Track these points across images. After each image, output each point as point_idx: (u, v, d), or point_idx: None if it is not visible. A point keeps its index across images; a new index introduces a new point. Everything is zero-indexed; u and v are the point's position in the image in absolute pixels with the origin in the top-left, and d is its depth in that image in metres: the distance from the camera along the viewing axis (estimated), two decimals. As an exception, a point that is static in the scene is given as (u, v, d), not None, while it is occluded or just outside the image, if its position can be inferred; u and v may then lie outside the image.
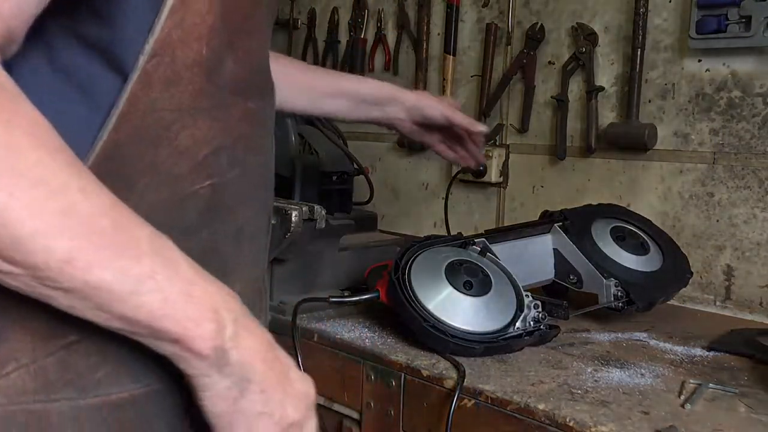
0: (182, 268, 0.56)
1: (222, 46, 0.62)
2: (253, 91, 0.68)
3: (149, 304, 0.53)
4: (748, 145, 1.38)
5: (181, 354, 0.56)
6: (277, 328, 1.23)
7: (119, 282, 0.52)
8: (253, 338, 0.59)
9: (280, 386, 0.60)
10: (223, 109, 0.64)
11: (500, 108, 1.75)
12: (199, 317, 0.55)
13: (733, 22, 1.32)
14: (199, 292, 0.56)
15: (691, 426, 0.85)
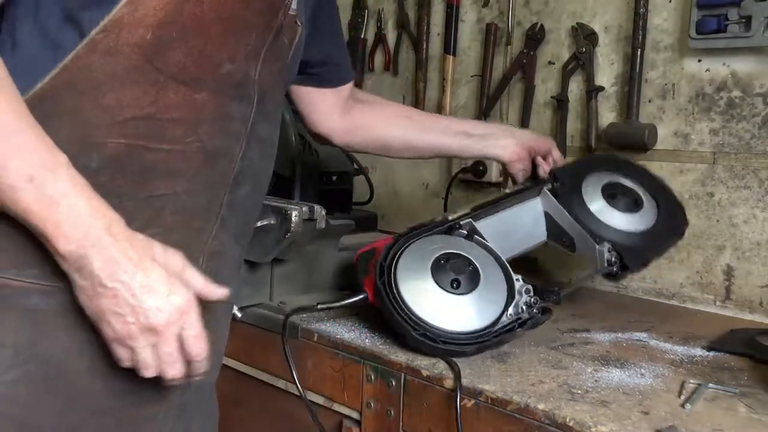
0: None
1: (171, 38, 0.77)
2: (202, 86, 0.80)
3: (25, 202, 0.70)
4: (748, 145, 1.38)
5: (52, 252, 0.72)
6: (277, 329, 1.23)
7: None
8: (107, 256, 0.71)
9: (133, 297, 0.72)
10: (158, 87, 0.78)
11: (500, 108, 1.75)
12: (61, 223, 0.71)
13: (733, 22, 1.32)
14: (69, 201, 0.71)
15: (691, 426, 0.85)
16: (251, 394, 1.32)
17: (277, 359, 1.25)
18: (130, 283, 0.72)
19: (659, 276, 1.50)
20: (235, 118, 0.85)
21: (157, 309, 0.73)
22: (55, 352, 0.77)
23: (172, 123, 0.79)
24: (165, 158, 0.79)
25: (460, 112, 1.84)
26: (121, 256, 0.72)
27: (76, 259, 0.71)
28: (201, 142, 0.82)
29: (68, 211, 0.70)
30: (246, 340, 1.30)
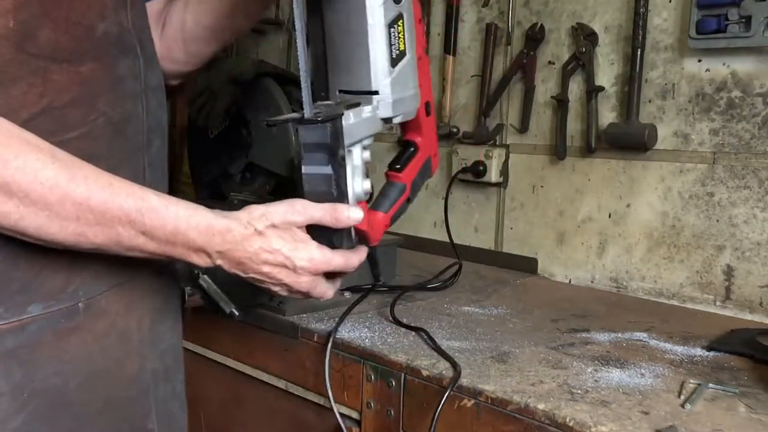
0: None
1: (33, 17, 0.70)
2: (83, 56, 0.75)
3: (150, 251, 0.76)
4: (748, 145, 1.38)
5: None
6: (277, 329, 1.24)
7: None
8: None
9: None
10: (42, 75, 0.71)
11: (500, 108, 1.75)
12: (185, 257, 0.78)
13: (733, 22, 1.32)
14: (181, 238, 0.77)
15: (691, 426, 0.85)
16: (251, 394, 1.32)
17: (277, 359, 1.25)
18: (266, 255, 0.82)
19: (659, 276, 1.50)
20: (127, 77, 0.82)
21: (302, 260, 0.83)
22: (51, 381, 0.76)
23: (70, 107, 0.75)
24: (77, 146, 0.75)
25: (460, 112, 1.84)
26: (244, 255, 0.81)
27: (211, 264, 0.80)
28: (105, 115, 0.79)
29: (184, 245, 0.77)
30: (246, 340, 1.30)
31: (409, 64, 0.92)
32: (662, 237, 1.49)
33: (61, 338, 0.76)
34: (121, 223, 0.72)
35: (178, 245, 0.76)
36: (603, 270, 1.58)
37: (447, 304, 1.38)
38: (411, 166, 1.06)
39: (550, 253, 1.67)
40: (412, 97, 0.95)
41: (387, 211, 1.02)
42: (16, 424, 0.73)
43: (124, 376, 0.84)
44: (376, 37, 0.88)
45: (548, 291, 1.54)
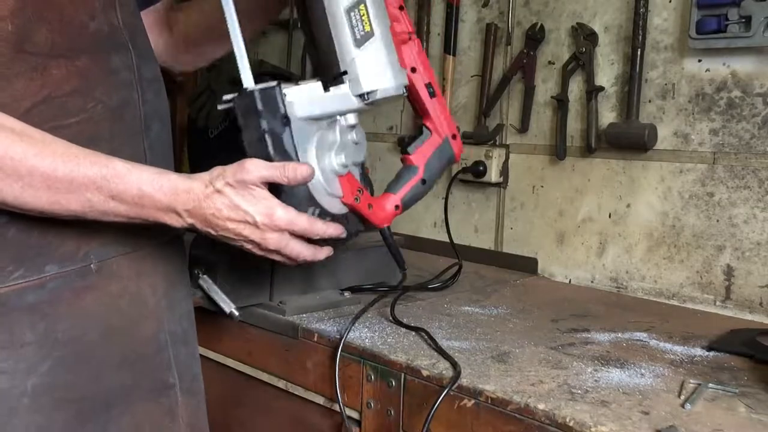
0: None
1: (29, 21, 0.79)
2: (78, 52, 0.84)
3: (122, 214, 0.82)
4: (748, 145, 1.38)
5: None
6: (277, 329, 1.23)
7: None
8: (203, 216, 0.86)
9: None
10: (41, 70, 0.81)
11: (500, 108, 1.75)
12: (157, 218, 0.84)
13: (733, 22, 1.32)
14: (147, 201, 0.83)
15: (691, 426, 0.85)
16: (251, 394, 1.32)
17: (277, 359, 1.25)
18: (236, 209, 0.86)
19: (659, 276, 1.50)
20: (120, 69, 0.90)
21: (259, 215, 0.87)
22: (71, 333, 0.85)
23: (69, 96, 0.83)
24: (78, 130, 0.84)
25: (460, 112, 1.84)
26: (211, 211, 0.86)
27: (186, 223, 0.85)
28: (103, 103, 0.87)
29: (152, 208, 0.83)
30: (246, 340, 1.30)
31: (379, 42, 0.97)
32: (662, 237, 1.49)
33: (77, 295, 0.85)
34: (89, 190, 0.79)
35: (147, 207, 0.83)
36: (603, 270, 1.58)
37: (447, 304, 1.38)
38: (423, 149, 1.10)
39: (550, 253, 1.68)
40: (389, 74, 0.99)
41: (397, 193, 1.07)
42: (43, 369, 0.83)
43: (141, 336, 0.92)
44: (335, 21, 0.95)
45: (548, 291, 1.54)
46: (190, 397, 1.00)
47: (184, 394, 0.98)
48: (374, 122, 2.02)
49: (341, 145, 0.96)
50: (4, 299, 0.81)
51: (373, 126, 2.03)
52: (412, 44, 1.05)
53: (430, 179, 1.10)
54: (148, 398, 0.93)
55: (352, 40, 0.96)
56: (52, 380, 0.84)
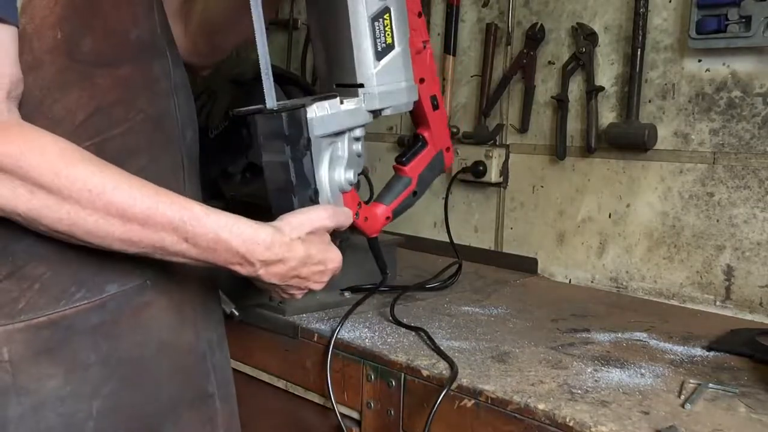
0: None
1: (76, 29, 0.78)
2: (121, 61, 0.83)
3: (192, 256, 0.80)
4: (748, 145, 1.38)
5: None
6: (277, 329, 1.23)
7: None
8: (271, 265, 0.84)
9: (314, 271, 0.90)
10: (89, 79, 0.80)
11: (500, 108, 1.75)
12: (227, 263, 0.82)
13: (733, 22, 1.32)
14: (222, 246, 0.81)
15: (691, 426, 0.85)
16: (251, 394, 1.32)
17: (277, 359, 1.25)
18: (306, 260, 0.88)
19: (659, 276, 1.50)
20: (160, 78, 0.89)
21: (333, 262, 0.91)
22: (132, 352, 0.85)
23: (114, 106, 0.82)
24: (123, 141, 0.83)
25: (460, 112, 1.84)
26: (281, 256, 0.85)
27: (253, 271, 0.84)
28: (144, 113, 0.86)
29: (226, 252, 0.81)
30: (246, 340, 1.30)
31: (398, 58, 0.94)
32: (662, 237, 1.49)
33: (136, 313, 0.85)
34: (165, 230, 0.77)
35: (220, 252, 0.81)
36: (603, 270, 1.58)
37: (447, 304, 1.38)
38: (417, 160, 1.08)
39: (550, 253, 1.67)
40: (403, 90, 0.96)
41: (389, 204, 1.05)
42: (107, 391, 0.83)
43: (183, 345, 0.92)
44: (359, 30, 0.91)
45: (548, 291, 1.54)
46: (226, 403, 1.00)
47: (222, 402, 0.98)
48: (374, 122, 2.02)
49: (350, 160, 0.94)
50: (68, 322, 0.80)
51: (373, 126, 2.02)
52: (425, 54, 1.03)
53: (421, 192, 1.10)
54: (190, 408, 0.93)
55: (372, 52, 0.92)
56: (117, 401, 0.84)
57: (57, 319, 0.80)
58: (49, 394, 0.79)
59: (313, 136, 0.88)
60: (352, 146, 0.94)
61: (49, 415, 0.79)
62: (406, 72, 0.96)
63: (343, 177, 0.93)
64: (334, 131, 0.91)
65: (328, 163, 0.92)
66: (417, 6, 1.00)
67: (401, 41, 0.94)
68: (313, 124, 0.88)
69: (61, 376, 0.80)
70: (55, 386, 0.79)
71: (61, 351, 0.80)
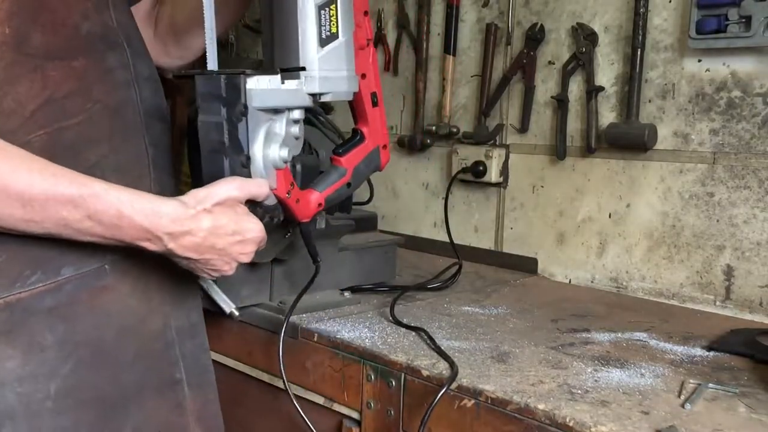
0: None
1: (24, 23, 0.80)
2: (73, 53, 0.85)
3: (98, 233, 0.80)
4: (748, 145, 1.38)
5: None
6: (277, 329, 1.23)
7: None
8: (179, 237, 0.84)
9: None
10: (40, 71, 0.82)
11: (500, 108, 1.75)
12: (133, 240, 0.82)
13: (733, 22, 1.32)
14: (126, 221, 0.81)
15: (691, 426, 0.85)
16: (251, 394, 1.32)
17: (277, 359, 1.25)
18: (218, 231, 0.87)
19: (659, 276, 1.50)
20: (116, 68, 0.90)
21: (251, 231, 0.90)
22: (90, 334, 0.87)
23: (68, 97, 0.84)
24: (79, 130, 0.85)
25: (460, 112, 1.84)
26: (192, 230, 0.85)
27: (161, 246, 0.84)
28: (101, 102, 0.88)
29: (130, 228, 0.81)
30: (246, 340, 1.30)
31: (341, 47, 0.98)
32: (662, 237, 1.49)
33: (94, 296, 0.87)
34: (66, 208, 0.78)
35: (125, 228, 0.81)
36: (603, 270, 1.58)
37: (447, 304, 1.38)
38: (354, 153, 1.11)
39: (550, 253, 1.67)
40: (344, 78, 1.00)
41: (322, 191, 1.07)
42: (65, 371, 0.85)
43: (148, 332, 0.93)
44: (306, 16, 0.95)
45: (548, 291, 1.54)
46: (199, 390, 1.01)
47: (193, 388, 0.99)
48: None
49: (286, 139, 0.97)
50: (23, 304, 0.82)
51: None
52: (368, 51, 1.07)
53: (355, 184, 1.12)
54: (157, 394, 0.95)
55: (317, 38, 0.96)
56: (75, 382, 0.85)
57: (13, 301, 0.82)
58: (8, 374, 0.81)
59: (251, 106, 0.91)
60: (290, 128, 0.97)
61: (8, 395, 0.81)
62: (348, 63, 1.00)
63: (278, 154, 0.95)
64: (273, 106, 0.94)
65: (264, 138, 0.95)
66: (364, 5, 1.05)
67: (345, 32, 0.99)
68: (252, 95, 0.91)
69: (19, 357, 0.82)
70: (13, 367, 0.82)
71: (19, 333, 0.82)
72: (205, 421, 1.02)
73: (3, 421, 0.81)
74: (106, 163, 0.88)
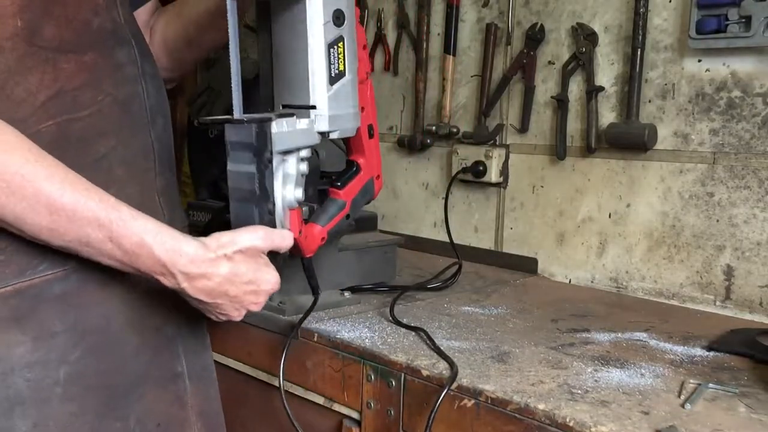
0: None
1: (37, 17, 0.82)
2: (84, 47, 0.87)
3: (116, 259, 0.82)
4: (748, 145, 1.38)
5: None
6: (277, 329, 1.23)
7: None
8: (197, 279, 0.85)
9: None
10: (52, 64, 0.83)
11: (500, 108, 1.75)
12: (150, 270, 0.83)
13: (733, 22, 1.32)
14: (146, 251, 0.82)
15: (691, 426, 0.85)
16: (251, 394, 1.32)
17: (277, 359, 1.25)
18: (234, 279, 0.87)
19: (659, 276, 1.50)
20: (125, 64, 0.93)
21: (268, 283, 0.90)
22: (98, 322, 0.89)
23: (79, 90, 0.86)
24: (90, 122, 0.87)
25: (460, 112, 1.84)
26: (225, 273, 0.86)
27: (175, 283, 0.84)
28: (111, 96, 0.90)
29: (148, 258, 0.82)
30: (246, 340, 1.30)
31: (348, 84, 0.99)
32: (662, 237, 1.49)
33: (102, 286, 0.89)
34: (91, 225, 0.79)
35: (143, 258, 0.82)
36: (603, 270, 1.58)
37: (447, 304, 1.38)
38: (352, 185, 1.12)
39: (550, 253, 1.68)
40: (350, 115, 1.01)
41: (324, 225, 1.08)
42: (74, 358, 0.87)
43: (152, 326, 0.96)
44: (316, 55, 0.95)
45: (548, 291, 1.54)
46: (200, 384, 1.02)
47: (194, 382, 1.01)
48: (374, 122, 2.02)
49: (297, 179, 0.97)
50: (34, 291, 0.84)
51: (373, 126, 2.02)
52: (366, 84, 1.09)
53: (353, 215, 1.13)
54: (158, 386, 0.96)
55: (327, 77, 0.96)
56: (83, 369, 0.87)
57: (24, 288, 0.83)
58: (18, 360, 0.83)
59: (275, 150, 0.91)
60: (300, 166, 0.98)
61: (17, 381, 0.83)
62: (354, 99, 1.01)
63: (293, 194, 0.96)
64: (287, 148, 0.95)
65: (281, 181, 0.96)
66: (363, 39, 1.06)
67: (351, 69, 0.99)
68: (275, 139, 0.91)
69: (30, 343, 0.83)
70: (23, 353, 0.83)
71: (29, 319, 0.84)
72: (206, 417, 1.04)
73: (13, 406, 0.82)
74: (114, 155, 0.90)
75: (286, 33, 0.97)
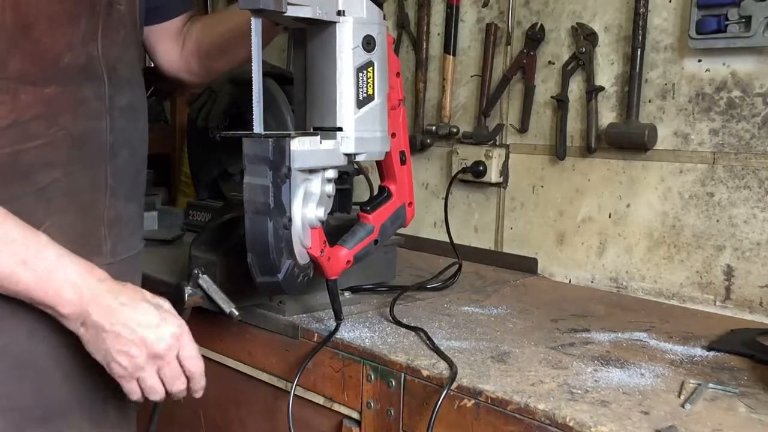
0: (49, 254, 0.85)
1: (3, 50, 0.84)
2: (48, 81, 0.88)
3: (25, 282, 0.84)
4: (748, 145, 1.38)
5: (56, 315, 0.87)
6: (277, 329, 1.23)
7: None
8: (103, 305, 0.86)
9: (133, 333, 0.87)
10: (11, 94, 0.86)
11: (500, 108, 1.75)
12: (60, 291, 0.84)
13: (733, 22, 1.32)
14: (61, 272, 0.84)
15: (691, 426, 0.85)
16: (251, 394, 1.32)
17: (277, 359, 1.25)
18: (128, 323, 0.86)
19: (659, 276, 1.50)
20: (90, 99, 0.94)
21: (156, 338, 0.88)
22: (15, 346, 0.90)
23: (33, 121, 0.88)
24: (37, 154, 0.89)
25: (460, 112, 1.84)
26: (116, 303, 0.86)
27: (78, 316, 0.86)
28: (65, 130, 0.91)
29: (63, 280, 0.84)
30: (246, 340, 1.30)
31: (376, 108, 1.01)
32: (662, 237, 1.49)
33: (15, 313, 0.89)
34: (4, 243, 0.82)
35: (57, 281, 0.85)
36: (603, 270, 1.58)
37: (447, 304, 1.38)
38: (381, 210, 1.13)
39: (550, 253, 1.67)
40: (377, 139, 1.02)
41: (351, 248, 1.10)
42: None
43: (85, 353, 0.93)
44: (344, 78, 0.97)
45: (548, 291, 1.54)
46: (129, 410, 1.05)
47: (117, 410, 1.03)
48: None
49: (321, 199, 0.98)
50: None
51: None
52: (399, 110, 1.10)
53: (382, 241, 1.14)
54: (84, 414, 0.97)
55: (354, 100, 0.98)
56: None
57: None
58: None
59: (293, 167, 0.92)
60: (325, 186, 0.99)
61: None
62: (382, 123, 1.02)
63: (314, 213, 0.97)
64: (311, 167, 0.96)
65: (302, 198, 0.97)
66: (397, 66, 1.07)
67: (380, 94, 1.01)
68: (294, 156, 0.92)
69: None
70: None
71: None
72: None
73: None
74: (56, 186, 0.92)
75: (318, 57, 0.99)
